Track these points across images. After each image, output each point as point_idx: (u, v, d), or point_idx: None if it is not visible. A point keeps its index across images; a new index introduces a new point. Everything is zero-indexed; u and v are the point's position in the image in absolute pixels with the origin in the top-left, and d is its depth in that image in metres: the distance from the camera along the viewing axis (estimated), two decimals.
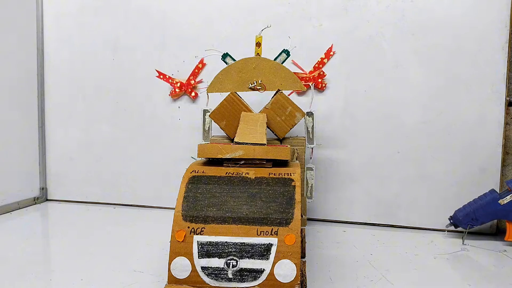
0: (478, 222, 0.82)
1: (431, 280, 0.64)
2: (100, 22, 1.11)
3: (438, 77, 0.90)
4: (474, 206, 0.82)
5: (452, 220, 0.85)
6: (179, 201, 0.55)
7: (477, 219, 0.81)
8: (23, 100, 1.10)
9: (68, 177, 1.16)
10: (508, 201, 0.79)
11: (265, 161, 0.60)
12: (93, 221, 0.98)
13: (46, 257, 0.74)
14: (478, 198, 0.84)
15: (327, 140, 0.98)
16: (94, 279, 0.62)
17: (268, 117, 0.81)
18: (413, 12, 0.91)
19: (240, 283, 0.51)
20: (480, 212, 0.81)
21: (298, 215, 0.53)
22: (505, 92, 0.88)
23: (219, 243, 0.52)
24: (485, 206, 0.81)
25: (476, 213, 0.81)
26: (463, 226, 0.83)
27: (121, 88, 1.11)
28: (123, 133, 1.12)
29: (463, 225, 0.83)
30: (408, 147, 0.93)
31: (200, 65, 1.04)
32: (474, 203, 0.83)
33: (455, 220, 0.84)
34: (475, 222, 0.82)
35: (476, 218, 0.81)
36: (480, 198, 0.83)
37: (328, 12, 0.96)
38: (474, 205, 0.83)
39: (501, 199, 0.80)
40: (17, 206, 1.07)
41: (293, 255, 0.50)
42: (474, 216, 0.81)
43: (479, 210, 0.81)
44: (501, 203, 0.80)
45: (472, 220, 0.82)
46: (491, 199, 0.81)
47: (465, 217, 0.82)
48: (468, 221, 0.82)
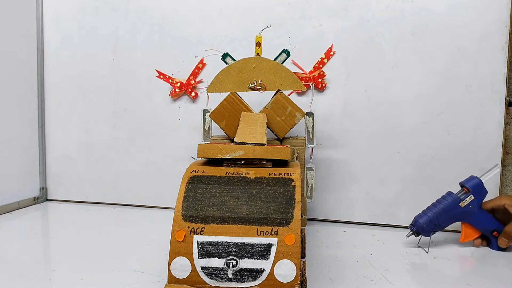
0: (441, 227, 0.78)
1: (431, 280, 0.64)
2: (100, 22, 1.11)
3: (438, 77, 0.90)
4: (436, 211, 0.78)
5: (414, 228, 0.79)
6: (179, 201, 0.55)
7: (440, 224, 0.78)
8: (23, 100, 1.10)
9: (68, 177, 1.16)
10: (467, 203, 0.77)
11: (265, 161, 0.60)
12: (93, 221, 0.98)
13: (46, 257, 0.74)
14: (438, 202, 0.80)
15: (327, 140, 0.98)
16: (94, 279, 0.62)
17: (268, 117, 0.81)
18: (413, 12, 0.91)
19: (240, 283, 0.51)
20: (443, 217, 0.77)
21: (298, 215, 0.53)
22: (505, 92, 0.88)
23: (219, 243, 0.52)
24: (447, 210, 0.77)
25: (439, 218, 0.77)
26: (425, 233, 0.78)
27: (121, 88, 1.11)
28: (123, 133, 1.12)
29: (426, 232, 0.78)
30: (408, 147, 0.93)
31: (200, 65, 1.04)
32: (435, 207, 0.79)
33: (417, 227, 0.78)
34: (438, 227, 0.78)
35: (439, 223, 0.77)
36: (440, 201, 0.79)
37: (328, 12, 0.96)
38: (436, 209, 0.78)
39: (461, 202, 0.77)
40: (17, 206, 1.07)
41: (293, 255, 0.50)
42: (438, 221, 0.77)
43: (442, 215, 0.77)
44: (461, 205, 0.77)
45: (435, 227, 0.78)
46: (452, 202, 0.78)
47: (429, 223, 0.77)
48: (431, 228, 0.78)
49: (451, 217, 0.78)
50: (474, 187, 0.78)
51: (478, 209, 0.78)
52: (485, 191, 0.78)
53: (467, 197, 0.77)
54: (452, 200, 0.78)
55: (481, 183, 0.78)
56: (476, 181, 0.78)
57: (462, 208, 0.77)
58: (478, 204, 0.78)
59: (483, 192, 0.78)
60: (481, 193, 0.78)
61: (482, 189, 0.78)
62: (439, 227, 0.78)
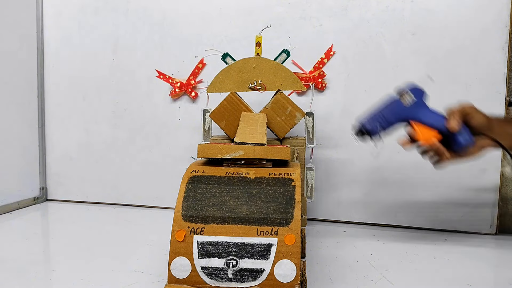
0: (387, 123, 0.72)
1: (431, 280, 0.64)
2: (100, 22, 1.11)
3: (438, 77, 0.90)
4: (378, 109, 0.74)
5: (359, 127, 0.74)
6: (179, 201, 0.55)
7: (385, 118, 0.72)
8: (23, 100, 1.10)
9: (68, 177, 1.16)
10: (409, 100, 0.72)
11: (265, 161, 0.60)
12: (93, 221, 0.98)
13: (46, 257, 0.74)
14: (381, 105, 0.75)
15: (327, 140, 0.98)
16: (94, 279, 0.62)
17: (268, 117, 0.81)
18: (413, 12, 0.91)
19: (240, 283, 0.51)
20: (386, 111, 0.73)
21: (298, 215, 0.53)
22: (505, 92, 0.88)
23: (219, 243, 0.52)
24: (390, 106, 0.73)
25: (383, 112, 0.73)
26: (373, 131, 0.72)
27: (121, 88, 1.11)
28: (123, 133, 1.12)
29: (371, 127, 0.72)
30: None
31: (200, 65, 1.04)
32: (378, 109, 0.74)
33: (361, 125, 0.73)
34: (384, 122, 0.72)
35: (383, 116, 0.72)
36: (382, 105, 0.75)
37: (328, 12, 0.96)
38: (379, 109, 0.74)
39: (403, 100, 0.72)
40: (17, 206, 1.07)
41: (293, 255, 0.50)
42: (382, 115, 0.72)
43: (385, 110, 0.73)
44: (404, 102, 0.72)
45: (381, 123, 0.72)
46: (394, 100, 0.74)
47: (373, 120, 0.72)
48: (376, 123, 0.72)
49: (396, 112, 0.73)
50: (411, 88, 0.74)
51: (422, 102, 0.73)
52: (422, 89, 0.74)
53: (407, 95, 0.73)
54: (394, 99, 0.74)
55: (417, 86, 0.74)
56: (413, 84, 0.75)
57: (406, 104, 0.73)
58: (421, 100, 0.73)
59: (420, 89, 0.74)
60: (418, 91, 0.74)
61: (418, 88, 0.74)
62: (386, 123, 0.73)
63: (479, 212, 0.90)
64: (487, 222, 0.90)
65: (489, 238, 0.88)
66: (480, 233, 0.90)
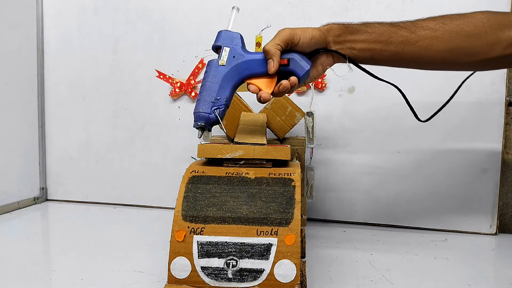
0: (222, 100, 0.63)
1: (431, 280, 0.64)
2: (100, 22, 1.11)
3: (438, 77, 0.90)
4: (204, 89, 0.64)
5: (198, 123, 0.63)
6: (179, 201, 0.55)
7: (217, 98, 0.63)
8: (23, 100, 1.10)
9: (68, 177, 1.16)
10: (227, 56, 0.64)
11: (265, 161, 0.60)
12: (93, 221, 0.98)
13: (46, 257, 0.74)
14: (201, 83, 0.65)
15: (327, 140, 0.98)
16: (94, 279, 0.62)
17: (268, 117, 0.81)
18: (413, 12, 0.91)
19: (240, 283, 0.51)
20: (213, 88, 0.63)
21: (298, 215, 0.53)
22: (505, 92, 0.88)
23: (219, 243, 0.52)
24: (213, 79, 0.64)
25: (211, 92, 0.63)
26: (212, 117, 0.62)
27: (121, 88, 1.11)
28: (123, 133, 1.12)
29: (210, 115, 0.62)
30: (408, 147, 0.93)
31: (200, 65, 1.04)
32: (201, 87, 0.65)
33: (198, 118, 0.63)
34: (218, 102, 0.63)
35: (216, 98, 0.63)
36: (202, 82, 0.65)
37: (328, 12, 0.96)
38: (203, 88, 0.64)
39: (221, 60, 0.64)
40: (17, 206, 1.07)
41: (293, 255, 0.50)
42: (211, 96, 0.63)
43: (211, 88, 0.63)
44: (222, 63, 0.64)
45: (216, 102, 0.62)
46: (213, 69, 0.65)
47: (205, 104, 0.63)
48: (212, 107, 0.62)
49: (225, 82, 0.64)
50: (223, 40, 0.66)
51: (245, 54, 0.65)
52: (235, 34, 0.66)
53: (223, 52, 0.65)
54: (212, 66, 0.65)
55: (227, 32, 0.67)
56: (221, 34, 0.67)
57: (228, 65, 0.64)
58: (240, 50, 0.65)
59: (234, 36, 0.66)
60: (233, 40, 0.66)
61: (232, 35, 0.66)
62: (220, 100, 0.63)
63: (479, 212, 0.90)
64: (487, 222, 0.90)
65: (489, 238, 0.88)
66: (480, 233, 0.90)
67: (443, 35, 0.63)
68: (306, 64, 0.63)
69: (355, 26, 0.64)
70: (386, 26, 0.64)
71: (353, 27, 0.64)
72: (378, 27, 0.64)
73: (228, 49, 0.65)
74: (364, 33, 0.63)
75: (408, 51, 0.63)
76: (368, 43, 0.63)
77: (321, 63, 0.66)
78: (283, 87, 0.62)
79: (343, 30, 0.64)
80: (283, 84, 0.62)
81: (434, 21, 0.64)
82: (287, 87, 0.62)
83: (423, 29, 0.63)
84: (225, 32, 0.66)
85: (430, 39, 0.63)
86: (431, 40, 0.63)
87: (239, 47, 0.65)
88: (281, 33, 0.62)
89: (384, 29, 0.63)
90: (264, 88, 0.64)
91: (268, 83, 0.64)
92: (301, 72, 0.63)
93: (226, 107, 0.64)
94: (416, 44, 0.63)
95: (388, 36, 0.63)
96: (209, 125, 0.63)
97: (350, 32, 0.64)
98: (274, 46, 0.61)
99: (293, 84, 0.62)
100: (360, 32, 0.63)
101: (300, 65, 0.63)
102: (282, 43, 0.61)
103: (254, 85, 0.64)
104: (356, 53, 0.64)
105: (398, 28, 0.64)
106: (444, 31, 0.63)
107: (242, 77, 0.65)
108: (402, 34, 0.63)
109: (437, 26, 0.63)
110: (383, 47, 0.63)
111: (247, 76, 0.65)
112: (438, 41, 0.63)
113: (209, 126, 0.63)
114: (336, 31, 0.64)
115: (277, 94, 0.64)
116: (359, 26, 0.64)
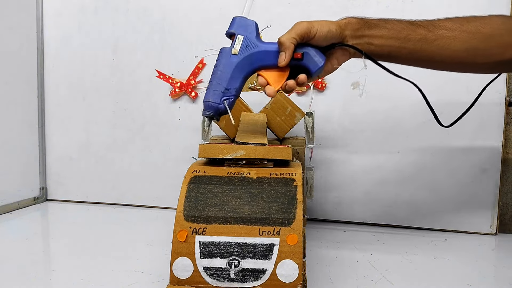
0: (232, 91, 0.62)
1: (431, 280, 0.64)
2: (100, 22, 1.11)
3: (438, 77, 0.90)
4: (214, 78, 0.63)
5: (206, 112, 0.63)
6: (181, 201, 0.55)
7: (227, 88, 0.62)
8: (23, 100, 1.10)
9: (68, 177, 1.16)
10: (241, 45, 0.62)
11: (266, 161, 0.60)
12: (93, 221, 0.98)
13: (46, 257, 0.74)
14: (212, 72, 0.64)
15: (327, 140, 0.98)
16: (94, 279, 0.62)
17: (268, 117, 0.81)
18: (413, 12, 0.92)
19: (242, 283, 0.51)
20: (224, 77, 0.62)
21: (300, 215, 0.53)
22: (505, 92, 0.88)
23: (221, 243, 0.52)
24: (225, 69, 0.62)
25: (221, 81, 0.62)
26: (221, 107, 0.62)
27: (121, 88, 1.11)
28: (123, 133, 1.11)
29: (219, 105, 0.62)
30: (408, 147, 0.94)
31: (200, 65, 1.04)
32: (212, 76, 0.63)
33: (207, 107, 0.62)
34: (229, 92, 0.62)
35: (226, 88, 0.62)
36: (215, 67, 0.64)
37: (328, 12, 0.96)
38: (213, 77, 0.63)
39: (233, 49, 0.62)
40: (17, 206, 1.07)
41: (295, 255, 0.50)
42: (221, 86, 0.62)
43: (222, 77, 0.62)
44: (235, 52, 0.62)
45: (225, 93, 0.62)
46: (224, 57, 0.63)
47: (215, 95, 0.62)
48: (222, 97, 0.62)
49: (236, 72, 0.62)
50: (237, 27, 0.64)
51: (259, 44, 0.64)
52: (250, 21, 0.65)
53: (236, 41, 0.63)
54: (224, 55, 0.63)
55: (241, 18, 0.65)
56: (235, 20, 0.65)
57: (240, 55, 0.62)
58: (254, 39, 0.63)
59: (249, 24, 0.64)
60: (248, 28, 0.64)
61: (246, 22, 0.64)
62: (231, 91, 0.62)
63: (479, 212, 0.90)
64: (487, 222, 0.90)
65: (489, 238, 0.88)
66: (480, 233, 0.90)
67: (460, 35, 0.63)
68: (320, 60, 0.62)
69: (374, 21, 0.63)
70: (405, 23, 0.64)
71: (372, 22, 0.63)
72: (396, 24, 0.63)
73: (241, 38, 0.63)
74: (383, 28, 0.63)
75: (425, 50, 0.63)
76: (386, 39, 0.63)
77: (337, 57, 0.65)
78: (289, 87, 0.63)
79: (361, 24, 0.63)
80: (289, 84, 0.62)
81: (452, 21, 0.64)
82: (293, 86, 0.63)
83: (441, 28, 0.63)
84: (240, 19, 0.64)
85: (447, 38, 0.63)
86: (448, 40, 0.63)
87: (253, 36, 0.63)
88: (298, 26, 0.61)
89: (402, 26, 0.63)
90: (273, 82, 0.63)
91: (278, 76, 0.63)
92: (314, 68, 0.62)
93: (235, 98, 0.63)
94: (434, 43, 0.63)
95: (406, 33, 0.63)
96: (218, 115, 0.63)
97: (369, 26, 0.63)
98: (290, 40, 0.60)
99: (301, 82, 0.62)
100: (379, 28, 0.63)
101: (314, 60, 0.62)
102: (297, 37, 0.61)
103: (263, 78, 0.63)
104: (373, 49, 0.64)
105: (416, 26, 0.63)
106: (461, 31, 0.63)
107: (254, 68, 0.64)
108: (420, 32, 0.63)
109: (454, 26, 0.63)
110: (401, 44, 0.63)
111: (259, 67, 0.64)
112: (455, 41, 0.63)
113: (217, 116, 0.63)
114: (355, 25, 0.63)
115: (285, 91, 0.64)
116: (378, 21, 0.64)
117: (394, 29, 0.63)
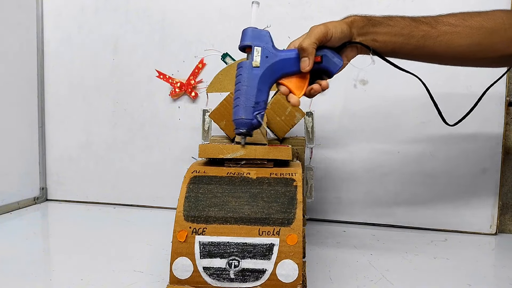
0: (262, 104, 0.61)
1: (431, 280, 0.64)
2: (100, 22, 1.11)
3: (438, 77, 0.90)
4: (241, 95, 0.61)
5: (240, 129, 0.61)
6: (181, 201, 0.55)
7: (256, 102, 0.61)
8: (23, 100, 1.10)
9: (68, 177, 1.16)
10: (260, 57, 0.61)
11: (266, 161, 0.60)
12: (93, 221, 0.98)
13: (46, 257, 0.74)
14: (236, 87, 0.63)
15: (327, 140, 0.98)
16: (94, 279, 0.62)
17: (268, 117, 0.81)
18: (413, 12, 0.91)
19: (242, 283, 0.51)
20: (251, 92, 0.61)
21: (300, 215, 0.53)
22: (505, 92, 0.88)
23: (221, 243, 0.52)
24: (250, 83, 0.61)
25: (250, 96, 0.60)
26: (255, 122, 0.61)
27: (121, 88, 1.11)
28: (123, 133, 1.11)
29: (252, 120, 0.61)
30: (408, 147, 0.94)
31: (200, 65, 1.04)
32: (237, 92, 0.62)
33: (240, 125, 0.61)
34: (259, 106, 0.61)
35: (256, 102, 0.61)
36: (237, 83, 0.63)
37: (328, 12, 0.96)
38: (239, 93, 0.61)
39: (254, 62, 0.61)
40: (17, 206, 1.07)
41: (295, 255, 0.50)
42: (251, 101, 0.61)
43: (249, 92, 0.61)
44: (255, 65, 0.61)
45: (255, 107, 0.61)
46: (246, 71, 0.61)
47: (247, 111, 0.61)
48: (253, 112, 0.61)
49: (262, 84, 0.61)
50: (253, 39, 0.62)
51: (278, 53, 0.63)
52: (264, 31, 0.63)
53: (255, 53, 0.62)
54: (246, 69, 0.61)
55: (254, 29, 0.63)
56: (248, 32, 0.63)
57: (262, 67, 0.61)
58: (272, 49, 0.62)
59: (263, 34, 0.63)
60: (263, 38, 0.63)
61: (260, 33, 0.63)
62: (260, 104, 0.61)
63: (479, 212, 0.90)
64: (487, 222, 0.90)
65: (489, 238, 0.88)
66: (480, 233, 0.90)
67: (463, 31, 0.63)
68: (339, 60, 0.63)
69: (378, 19, 0.65)
70: (408, 20, 0.65)
71: (375, 20, 0.65)
72: (400, 21, 0.65)
73: (259, 49, 0.62)
74: (386, 26, 0.64)
75: (429, 46, 0.64)
76: (390, 35, 0.64)
77: (346, 54, 0.66)
78: (314, 91, 0.63)
79: (366, 22, 0.64)
80: (314, 88, 0.63)
81: (455, 17, 0.65)
82: (318, 91, 0.63)
83: (444, 24, 0.64)
84: (253, 30, 0.63)
85: (450, 34, 0.63)
86: (451, 35, 0.63)
87: (270, 45, 0.63)
88: (315, 30, 0.61)
89: (405, 23, 0.64)
90: (294, 89, 0.63)
91: (299, 83, 0.63)
92: (334, 69, 0.63)
93: (265, 110, 0.63)
94: (437, 39, 0.64)
95: (409, 30, 0.64)
96: (251, 130, 0.62)
97: (373, 24, 0.64)
98: (311, 45, 0.60)
99: (324, 88, 0.63)
100: (383, 25, 0.64)
101: (333, 62, 0.63)
102: (317, 41, 0.61)
103: (284, 86, 0.63)
104: (378, 45, 0.65)
105: (420, 22, 0.64)
106: (465, 27, 0.63)
107: (277, 77, 0.63)
108: (423, 28, 0.64)
109: (457, 22, 0.64)
110: (405, 41, 0.64)
111: (281, 75, 0.63)
112: (459, 36, 0.63)
113: (251, 132, 0.62)
114: (360, 22, 0.64)
115: (308, 96, 0.65)
116: (382, 18, 0.65)
117: (398, 26, 0.64)
